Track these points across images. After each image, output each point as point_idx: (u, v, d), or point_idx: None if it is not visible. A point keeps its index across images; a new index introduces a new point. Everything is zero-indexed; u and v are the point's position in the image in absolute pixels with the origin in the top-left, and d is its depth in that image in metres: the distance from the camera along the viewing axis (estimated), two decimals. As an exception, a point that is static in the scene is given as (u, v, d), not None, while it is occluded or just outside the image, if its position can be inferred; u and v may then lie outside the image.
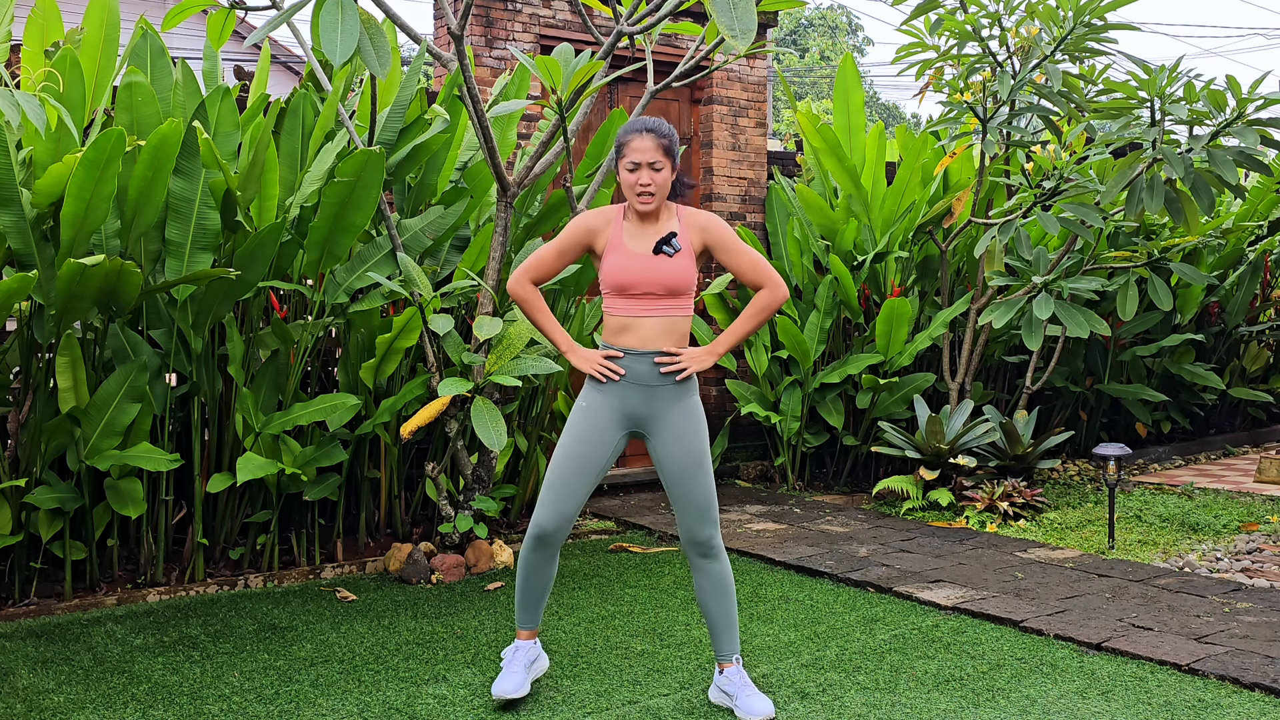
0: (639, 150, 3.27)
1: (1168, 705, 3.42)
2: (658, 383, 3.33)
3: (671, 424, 3.34)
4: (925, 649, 3.97)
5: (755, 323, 3.42)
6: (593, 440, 3.35)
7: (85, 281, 4.17)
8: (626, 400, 3.34)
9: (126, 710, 3.39)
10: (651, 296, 3.30)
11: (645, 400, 3.33)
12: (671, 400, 3.34)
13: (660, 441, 3.36)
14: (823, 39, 38.68)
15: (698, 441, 3.35)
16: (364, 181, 4.66)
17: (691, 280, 3.32)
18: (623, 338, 3.33)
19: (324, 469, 5.09)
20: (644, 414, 3.35)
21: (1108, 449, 5.46)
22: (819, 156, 6.87)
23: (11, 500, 4.37)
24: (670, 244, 3.29)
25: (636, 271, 3.28)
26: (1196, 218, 5.99)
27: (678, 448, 3.34)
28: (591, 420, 3.36)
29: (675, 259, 3.29)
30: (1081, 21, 5.98)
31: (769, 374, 7.16)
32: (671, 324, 3.32)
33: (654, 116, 3.80)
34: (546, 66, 4.31)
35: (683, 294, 3.32)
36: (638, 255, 3.30)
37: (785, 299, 3.40)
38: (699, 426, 3.37)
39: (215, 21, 4.62)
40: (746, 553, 5.37)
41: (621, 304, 3.32)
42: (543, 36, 6.79)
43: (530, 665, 3.48)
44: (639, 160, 3.26)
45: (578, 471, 3.35)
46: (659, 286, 3.29)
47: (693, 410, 3.37)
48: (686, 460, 3.34)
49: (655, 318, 3.31)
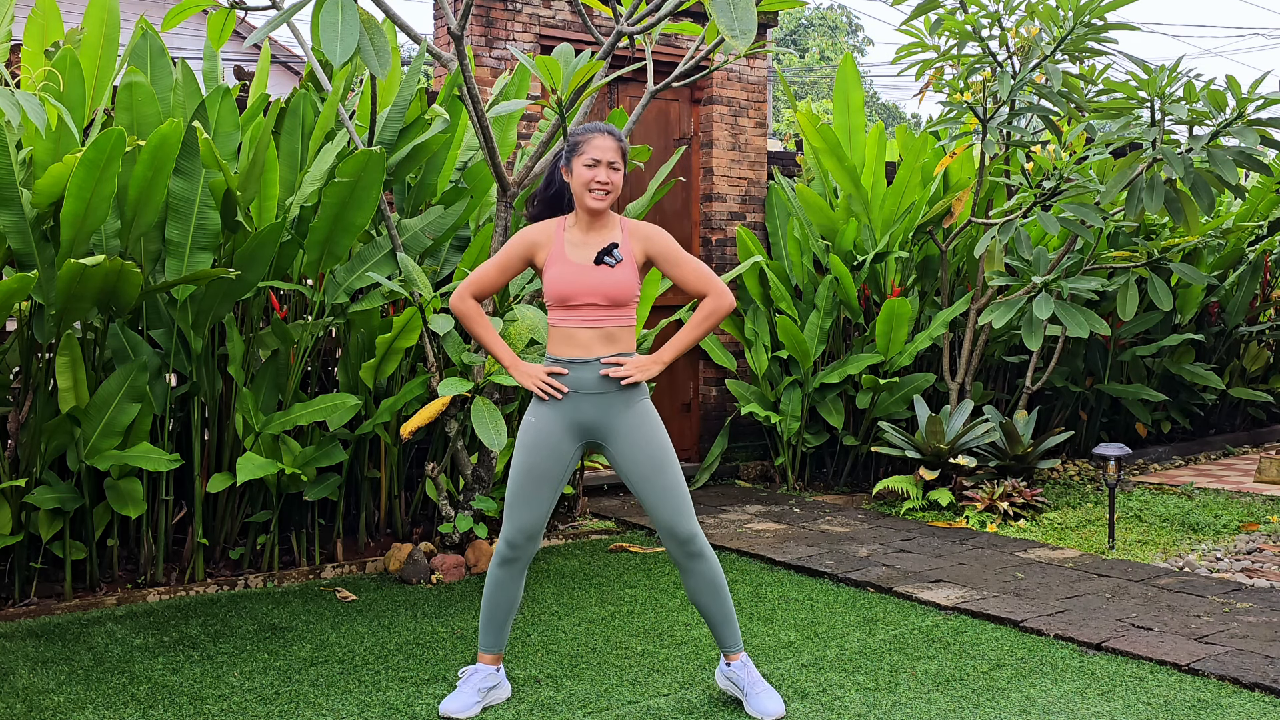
0: (600, 149, 3.29)
1: (1168, 705, 3.42)
2: (604, 390, 3.31)
3: (626, 431, 3.33)
4: (925, 649, 3.97)
5: (701, 331, 3.39)
6: (545, 453, 3.34)
7: (85, 281, 4.17)
8: (577, 411, 3.33)
9: (126, 710, 3.39)
10: (593, 307, 3.30)
11: (595, 410, 3.32)
12: (621, 407, 3.33)
13: (617, 450, 3.34)
14: (823, 39, 38.69)
15: (655, 442, 3.33)
16: (364, 181, 4.66)
17: (633, 290, 3.32)
18: (566, 349, 3.32)
19: (324, 469, 5.09)
20: (595, 424, 3.33)
21: (1108, 449, 5.46)
22: (819, 156, 6.87)
23: (11, 500, 4.37)
24: (611, 254, 3.30)
25: (577, 282, 3.28)
26: (1196, 218, 5.99)
27: (636, 452, 3.32)
28: (542, 434, 3.34)
29: (616, 269, 3.29)
30: (1081, 21, 5.98)
31: (769, 374, 7.16)
32: (614, 333, 3.32)
33: (651, 120, 3.81)
34: (546, 66, 4.31)
35: (624, 304, 3.32)
36: (579, 266, 3.30)
37: (731, 307, 3.39)
38: (654, 427, 3.35)
39: (215, 21, 4.62)
40: (746, 553, 5.37)
41: (564, 315, 3.32)
42: (543, 36, 6.79)
43: (485, 690, 3.40)
44: (599, 158, 3.29)
45: (535, 486, 3.35)
46: (600, 297, 3.28)
47: (645, 413, 3.35)
48: (647, 463, 3.32)
49: (597, 328, 3.30)
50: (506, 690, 3.50)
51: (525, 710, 3.40)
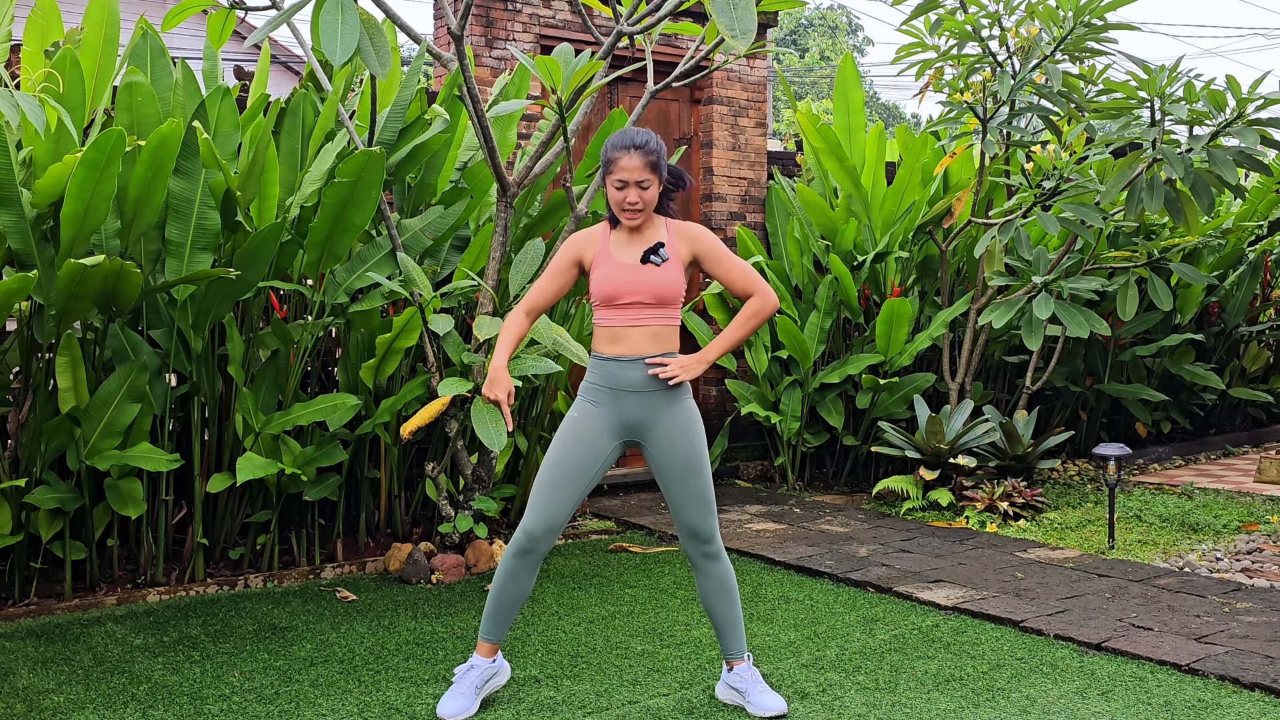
0: (626, 169, 3.28)
1: (1168, 705, 3.42)
2: (650, 389, 3.33)
3: (667, 430, 3.35)
4: (925, 649, 3.97)
5: (747, 330, 3.42)
6: (584, 448, 3.36)
7: (85, 281, 4.17)
8: (621, 408, 3.35)
9: (126, 710, 3.39)
10: (639, 305, 3.31)
11: (639, 407, 3.34)
12: (664, 406, 3.35)
13: (656, 448, 3.37)
14: (823, 39, 38.69)
15: (695, 445, 3.37)
16: (364, 181, 4.66)
17: (679, 289, 3.34)
18: (613, 348, 3.34)
19: (324, 469, 5.09)
20: (638, 421, 3.36)
21: (1108, 449, 5.47)
22: (819, 156, 6.87)
23: (11, 500, 4.37)
24: (658, 254, 3.32)
25: (624, 282, 3.30)
26: (1196, 218, 5.99)
27: (675, 451, 3.35)
28: (585, 428, 3.36)
29: (663, 268, 3.31)
30: (1081, 21, 5.98)
31: (769, 374, 7.16)
32: (660, 333, 3.34)
33: (651, 120, 3.81)
34: (546, 66, 4.31)
35: (670, 303, 3.34)
36: (625, 265, 3.32)
37: (776, 307, 3.42)
38: (695, 430, 3.39)
39: (215, 21, 4.62)
40: (746, 553, 5.37)
41: (610, 314, 3.34)
42: (543, 36, 6.79)
43: (483, 684, 3.42)
44: (626, 179, 3.28)
45: (568, 479, 3.36)
46: (647, 295, 3.30)
47: (688, 414, 3.38)
48: (684, 463, 3.35)
49: (644, 327, 3.32)
50: (506, 672, 3.51)
51: (525, 710, 3.40)
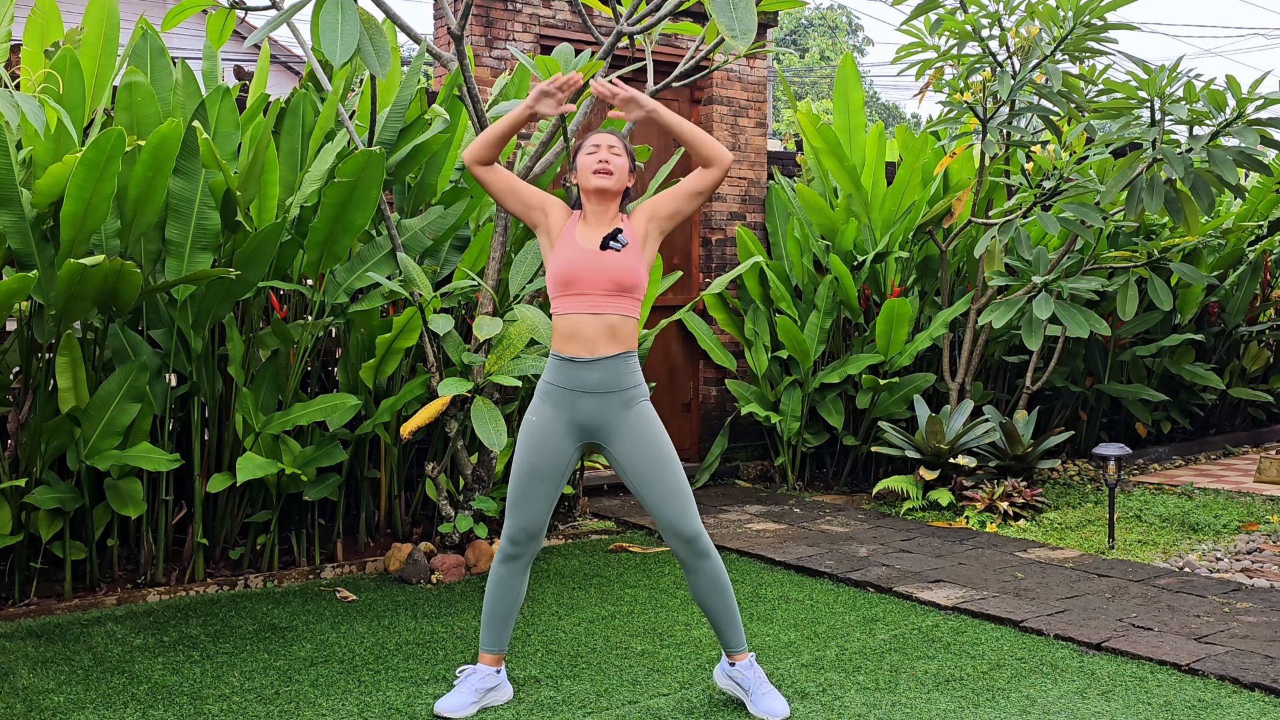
0: (598, 140, 3.39)
1: (1168, 705, 3.42)
2: (604, 390, 3.31)
3: (625, 431, 3.33)
4: (925, 649, 3.97)
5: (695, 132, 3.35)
6: (545, 452, 3.34)
7: (85, 281, 4.17)
8: (577, 410, 3.33)
9: (126, 710, 3.39)
10: (598, 294, 3.30)
11: (594, 409, 3.32)
12: (620, 408, 3.33)
13: (618, 450, 3.35)
14: (823, 39, 38.69)
15: (656, 443, 3.34)
16: (364, 182, 4.66)
17: (640, 276, 3.33)
18: (569, 346, 3.32)
19: (324, 469, 5.09)
20: (595, 424, 3.34)
21: (1108, 449, 5.46)
22: (819, 156, 6.87)
23: (11, 500, 4.37)
24: (616, 239, 3.34)
25: (583, 265, 3.30)
26: (1196, 218, 5.99)
27: (637, 453, 3.32)
28: (542, 432, 3.35)
29: (623, 253, 3.32)
30: (1081, 21, 5.98)
31: (769, 374, 7.17)
32: (618, 328, 3.32)
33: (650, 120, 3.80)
34: (546, 66, 4.31)
35: (629, 290, 3.32)
36: (585, 250, 3.32)
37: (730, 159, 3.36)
38: (654, 428, 3.35)
39: (215, 21, 4.62)
40: (746, 553, 5.37)
41: (568, 303, 3.32)
42: (543, 36, 6.79)
43: (483, 691, 3.40)
44: (599, 143, 3.38)
45: (535, 485, 3.35)
46: (607, 280, 3.29)
47: (644, 413, 3.36)
48: (648, 463, 3.32)
49: (601, 316, 3.30)
50: (507, 692, 3.48)
51: (525, 710, 3.40)
